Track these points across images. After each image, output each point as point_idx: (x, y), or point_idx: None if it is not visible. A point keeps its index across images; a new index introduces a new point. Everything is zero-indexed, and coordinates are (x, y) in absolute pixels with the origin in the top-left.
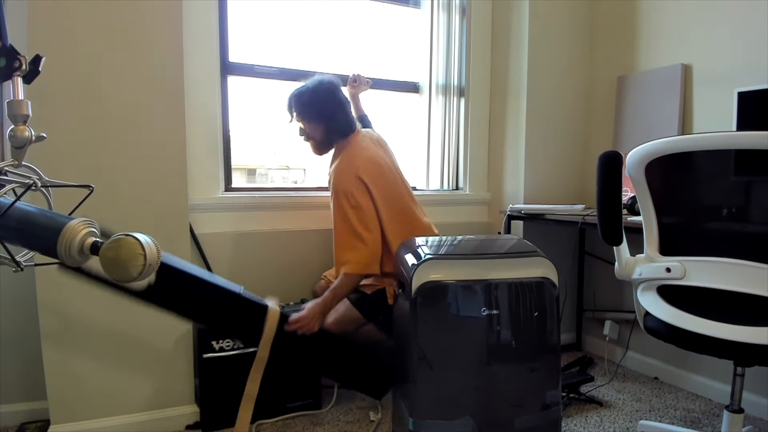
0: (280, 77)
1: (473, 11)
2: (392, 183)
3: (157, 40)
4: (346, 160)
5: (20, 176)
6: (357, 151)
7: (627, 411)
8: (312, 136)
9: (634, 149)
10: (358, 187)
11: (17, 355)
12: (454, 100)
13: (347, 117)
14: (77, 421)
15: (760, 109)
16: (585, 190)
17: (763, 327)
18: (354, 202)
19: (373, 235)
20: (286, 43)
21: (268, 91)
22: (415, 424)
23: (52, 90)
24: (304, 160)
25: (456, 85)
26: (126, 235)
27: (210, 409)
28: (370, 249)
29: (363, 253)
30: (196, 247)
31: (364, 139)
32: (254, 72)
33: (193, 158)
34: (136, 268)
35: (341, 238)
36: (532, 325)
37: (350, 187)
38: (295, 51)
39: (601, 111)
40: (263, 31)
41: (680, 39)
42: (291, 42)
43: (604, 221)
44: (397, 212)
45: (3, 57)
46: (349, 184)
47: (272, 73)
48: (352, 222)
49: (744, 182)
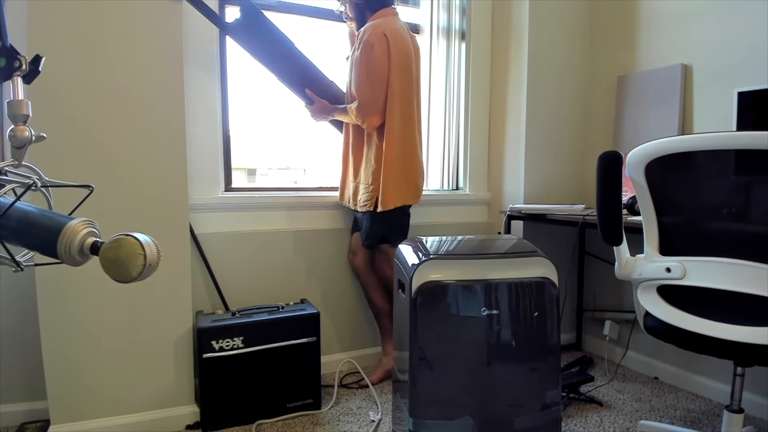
0: (279, 9)
1: (473, 11)
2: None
3: (157, 40)
4: (375, 23)
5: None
6: (388, 21)
7: (627, 411)
8: (351, 16)
9: (634, 149)
10: (380, 41)
11: (17, 354)
12: (453, 100)
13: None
14: (77, 421)
15: (760, 109)
16: (585, 190)
17: (763, 327)
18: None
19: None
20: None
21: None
22: (415, 424)
23: (52, 90)
24: (304, 160)
25: (456, 85)
26: (126, 235)
27: (210, 409)
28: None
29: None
30: (196, 247)
31: (398, 21)
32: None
33: (193, 158)
34: (136, 268)
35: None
36: (532, 325)
37: (372, 39)
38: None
39: (601, 111)
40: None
41: (680, 39)
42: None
43: (604, 221)
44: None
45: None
46: (372, 37)
47: (271, 5)
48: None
49: (744, 182)
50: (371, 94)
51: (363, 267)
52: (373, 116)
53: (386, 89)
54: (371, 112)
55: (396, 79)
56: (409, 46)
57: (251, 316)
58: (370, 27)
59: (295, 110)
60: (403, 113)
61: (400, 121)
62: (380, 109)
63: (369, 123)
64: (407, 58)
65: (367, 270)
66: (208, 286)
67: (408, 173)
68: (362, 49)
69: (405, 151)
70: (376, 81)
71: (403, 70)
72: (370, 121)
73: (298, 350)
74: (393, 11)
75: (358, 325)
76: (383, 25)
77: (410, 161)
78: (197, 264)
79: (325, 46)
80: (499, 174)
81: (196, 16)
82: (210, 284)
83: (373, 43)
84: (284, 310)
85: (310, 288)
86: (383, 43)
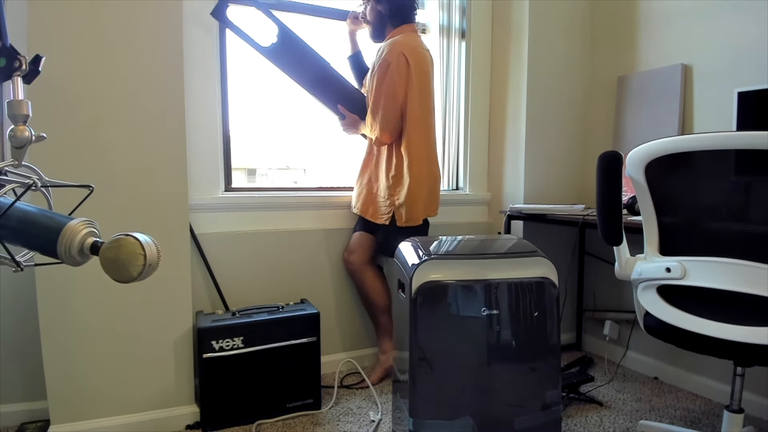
0: (278, 8)
1: (473, 11)
2: (427, 94)
3: (157, 40)
4: (394, 41)
5: (20, 176)
6: (407, 38)
7: (627, 411)
8: (368, 20)
9: (634, 149)
10: (398, 60)
11: (17, 354)
12: (453, 100)
13: (406, 4)
14: (77, 421)
15: (760, 109)
16: (585, 190)
17: (763, 327)
18: (386, 70)
19: (390, 113)
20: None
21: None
22: (414, 424)
23: (52, 90)
24: (304, 160)
25: (456, 85)
26: (126, 235)
27: (210, 409)
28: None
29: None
30: (196, 247)
31: (417, 38)
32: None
33: (193, 158)
34: (136, 268)
35: (371, 105)
36: (532, 325)
37: (390, 58)
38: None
39: (601, 111)
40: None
41: (680, 39)
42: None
43: (604, 221)
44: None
45: (3, 57)
46: (390, 56)
47: (271, 4)
48: (375, 90)
49: (744, 182)
50: (383, 110)
51: (359, 264)
52: (383, 133)
53: (400, 108)
54: (381, 128)
55: (417, 97)
56: (428, 64)
57: (251, 316)
58: (389, 45)
59: (295, 110)
60: (425, 130)
61: (424, 137)
62: (392, 129)
63: (378, 140)
64: (426, 77)
65: (364, 267)
66: (208, 286)
67: (431, 189)
68: (380, 66)
69: (430, 168)
70: (389, 99)
71: (423, 88)
72: (379, 137)
73: (298, 350)
74: (413, 27)
75: (358, 325)
76: (402, 43)
77: (433, 178)
78: (197, 264)
79: (326, 44)
80: (499, 174)
81: (196, 16)
82: (210, 284)
83: (390, 61)
84: (284, 310)
85: (310, 288)
86: (401, 63)
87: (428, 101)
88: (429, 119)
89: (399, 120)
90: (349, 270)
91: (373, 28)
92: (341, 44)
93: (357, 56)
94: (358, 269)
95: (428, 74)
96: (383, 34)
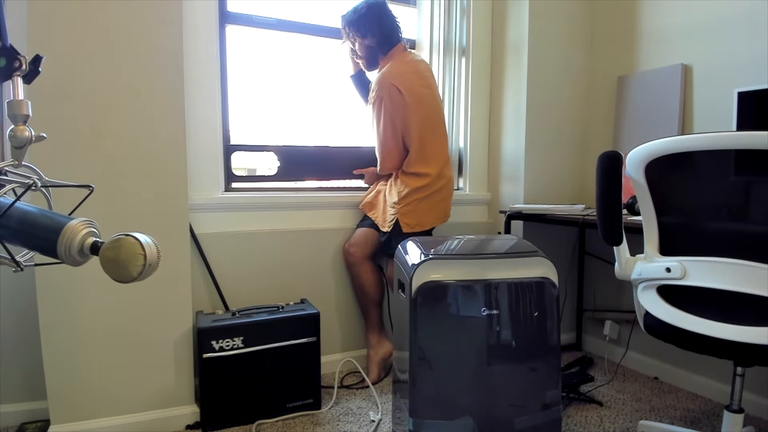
0: (278, 27)
1: (473, 11)
2: (427, 103)
3: (158, 39)
4: (382, 74)
5: (20, 176)
6: (395, 65)
7: (627, 411)
8: (360, 55)
9: (634, 149)
10: (390, 92)
11: (17, 355)
12: (454, 99)
13: (390, 30)
14: (77, 421)
15: (760, 109)
16: (585, 190)
17: (763, 327)
18: (379, 108)
19: (391, 145)
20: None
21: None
22: (414, 424)
23: (52, 90)
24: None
25: (456, 84)
26: (126, 235)
27: (210, 409)
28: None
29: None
30: (196, 247)
31: (406, 56)
32: (252, 22)
33: (193, 158)
34: (136, 268)
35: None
36: (532, 325)
37: (382, 93)
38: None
39: (601, 111)
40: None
41: (680, 39)
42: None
43: (604, 221)
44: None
45: (3, 57)
46: (382, 91)
47: (270, 23)
48: (378, 129)
49: (744, 182)
50: (385, 144)
51: (359, 257)
52: (387, 164)
53: (401, 138)
54: (385, 160)
55: (418, 117)
56: (421, 81)
57: (251, 316)
58: (378, 81)
59: (294, 111)
60: (433, 146)
61: (433, 153)
62: (395, 160)
63: (385, 168)
64: (420, 96)
65: (363, 261)
66: (208, 286)
67: (440, 200)
68: (374, 104)
69: (439, 183)
70: (388, 132)
71: (423, 106)
72: (386, 168)
73: (298, 350)
74: (402, 47)
75: (358, 325)
76: (390, 74)
77: (445, 189)
78: (197, 264)
79: (327, 65)
80: (499, 174)
81: (195, 16)
82: (210, 284)
83: (383, 96)
84: (284, 310)
85: (310, 288)
86: (393, 94)
87: (432, 114)
88: (437, 130)
89: (401, 150)
90: (348, 262)
91: (366, 61)
92: (343, 64)
93: (360, 75)
94: (357, 262)
95: (423, 92)
96: (377, 62)
